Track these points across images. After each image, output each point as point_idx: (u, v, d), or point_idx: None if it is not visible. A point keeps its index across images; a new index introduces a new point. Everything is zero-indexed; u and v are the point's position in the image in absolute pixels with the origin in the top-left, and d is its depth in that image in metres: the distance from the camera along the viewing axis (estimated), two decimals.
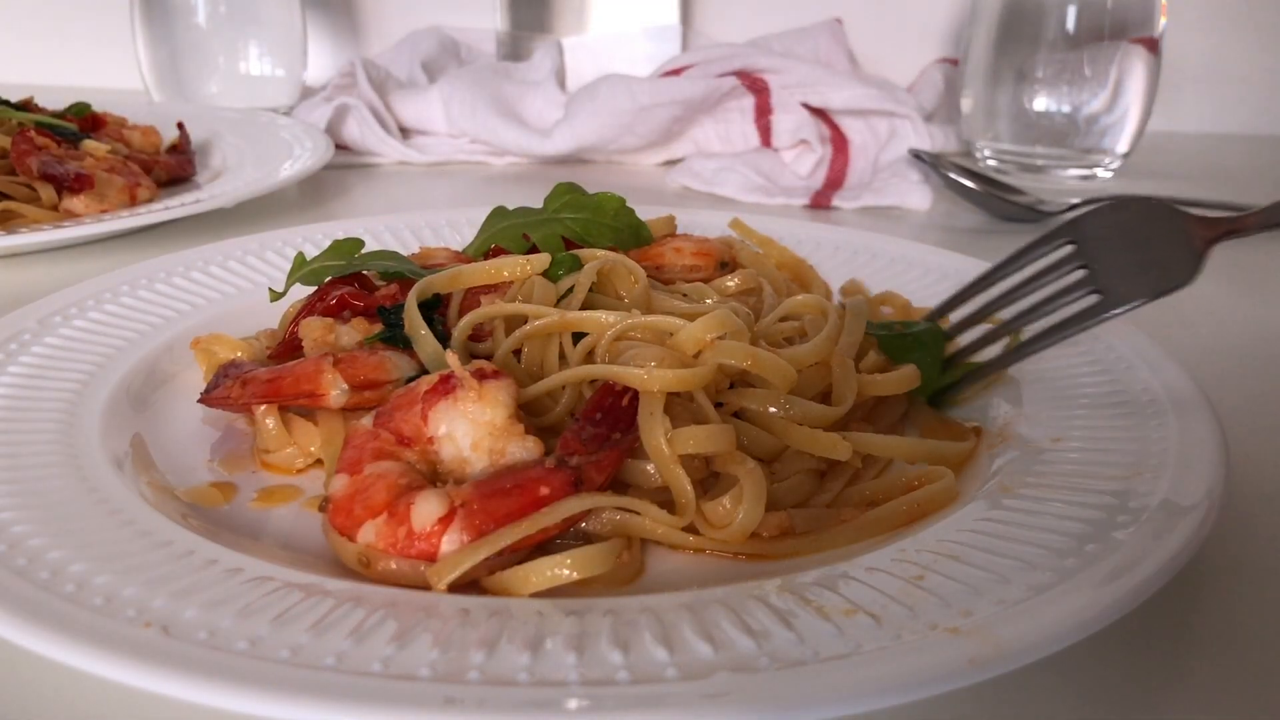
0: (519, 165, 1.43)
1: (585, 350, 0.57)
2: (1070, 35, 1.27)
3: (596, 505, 0.49)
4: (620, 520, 0.50)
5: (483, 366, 0.53)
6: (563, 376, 0.56)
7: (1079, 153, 1.33)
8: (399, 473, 0.50)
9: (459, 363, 0.52)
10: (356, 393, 0.58)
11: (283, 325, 0.69)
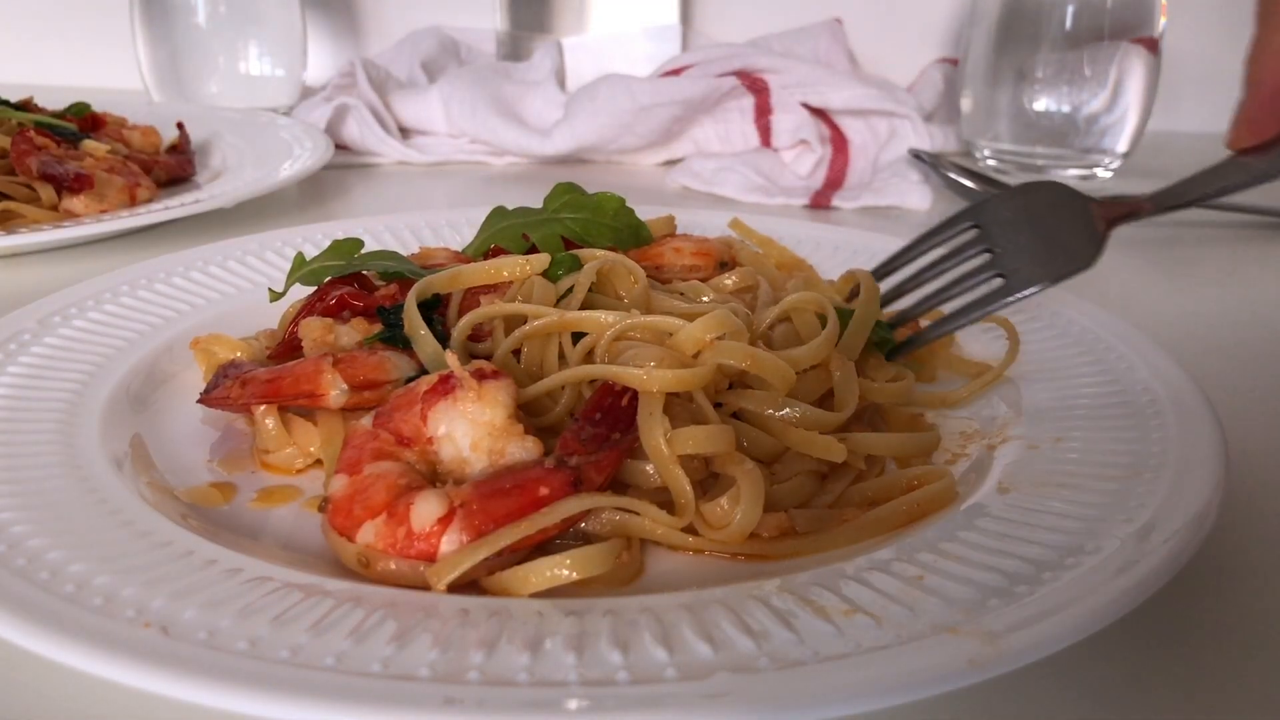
0: (519, 165, 1.43)
1: (585, 350, 0.57)
2: (1070, 35, 1.27)
3: (596, 505, 0.49)
4: (620, 520, 0.50)
5: (482, 366, 0.53)
6: (562, 376, 0.56)
7: (1079, 153, 1.33)
8: (398, 473, 0.50)
9: (458, 363, 0.52)
10: (356, 393, 0.58)
11: (282, 325, 0.69)
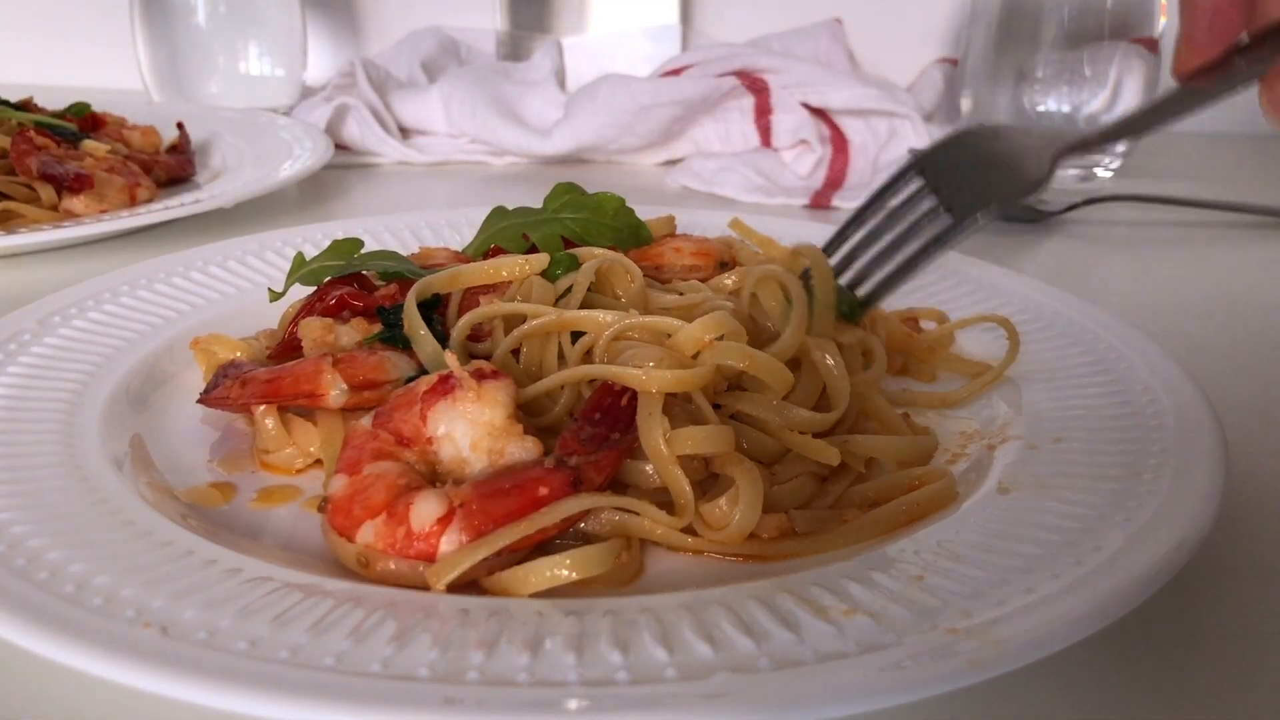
0: (519, 165, 1.43)
1: (584, 350, 0.57)
2: (1070, 35, 1.27)
3: (595, 505, 0.49)
4: (619, 520, 0.50)
5: (482, 366, 0.53)
6: (561, 376, 0.56)
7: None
8: (398, 473, 0.50)
9: (458, 363, 0.52)
10: (356, 393, 0.58)
11: (282, 325, 0.69)
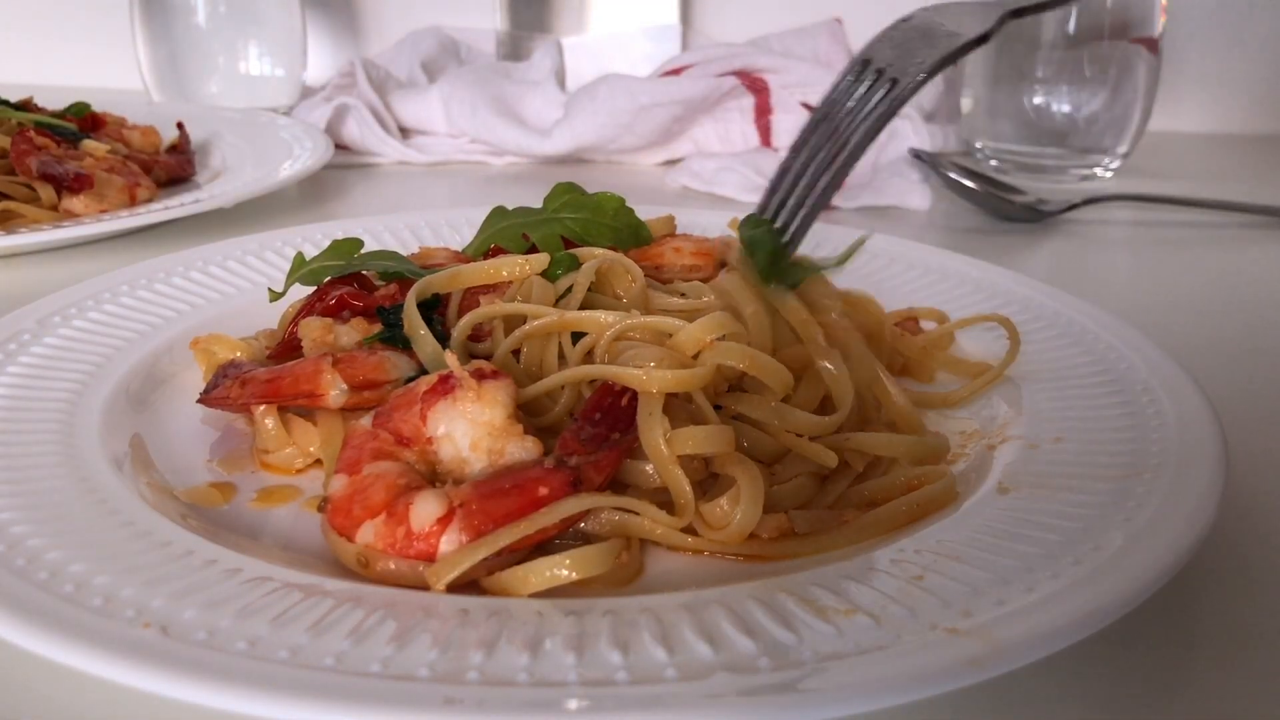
0: (519, 165, 1.43)
1: (584, 350, 0.57)
2: (1070, 35, 1.27)
3: (595, 505, 0.49)
4: (619, 520, 0.50)
5: (482, 366, 0.53)
6: (562, 376, 0.56)
7: (1079, 153, 1.33)
8: (398, 473, 0.50)
9: (458, 363, 0.52)
10: (355, 393, 0.58)
11: (282, 325, 0.69)
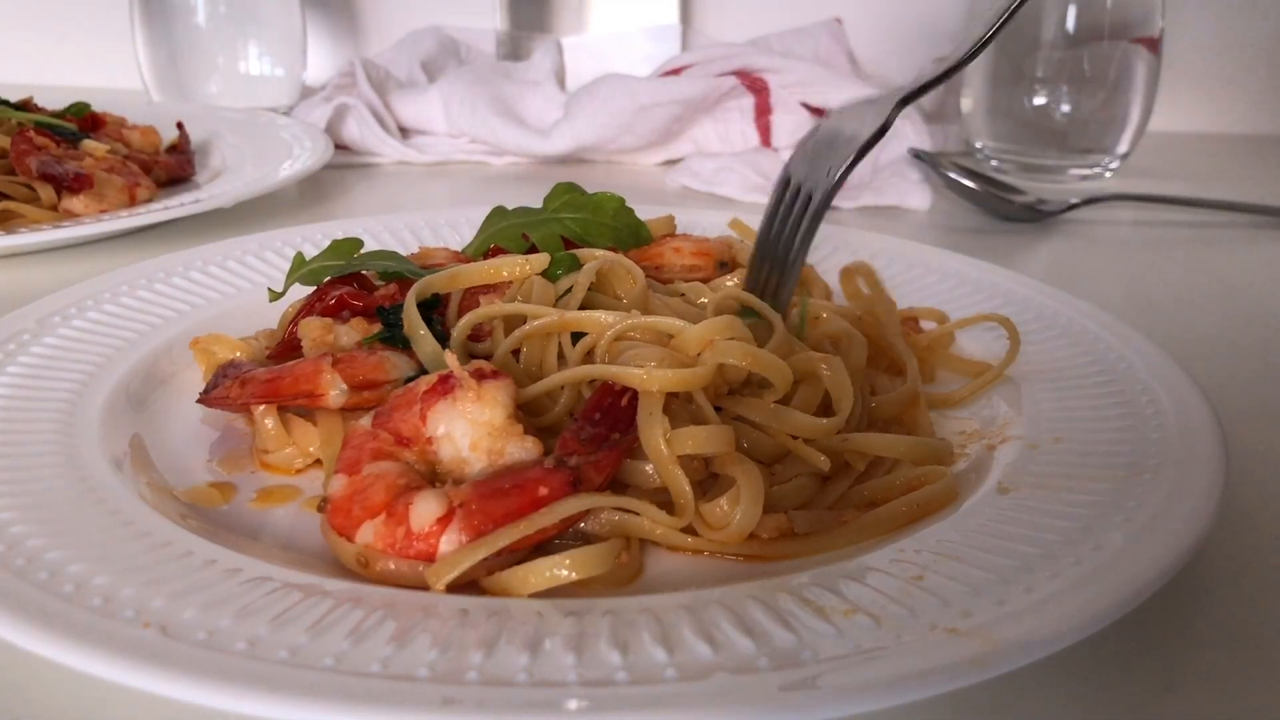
0: (519, 165, 1.43)
1: (584, 350, 0.57)
2: (1070, 35, 1.27)
3: (595, 505, 0.49)
4: (619, 521, 0.50)
5: (481, 366, 0.53)
6: (562, 377, 0.55)
7: (1079, 153, 1.33)
8: (397, 473, 0.50)
9: (458, 363, 0.52)
10: (355, 393, 0.58)
11: (282, 325, 0.69)
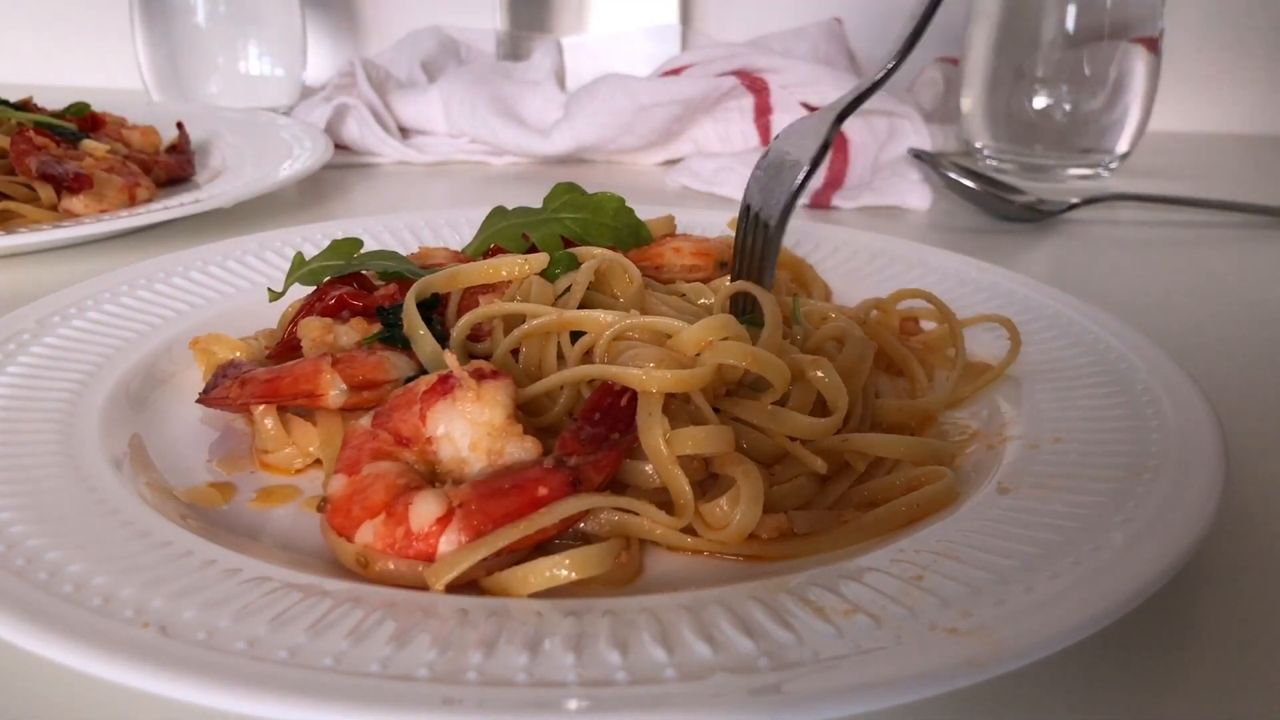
0: (518, 165, 1.43)
1: (584, 350, 0.57)
2: (1070, 35, 1.27)
3: (595, 505, 0.49)
4: (619, 521, 0.50)
5: (481, 366, 0.53)
6: (561, 376, 0.55)
7: (1079, 153, 1.33)
8: (397, 473, 0.50)
9: (457, 363, 0.52)
10: (355, 393, 0.58)
11: (281, 325, 0.69)
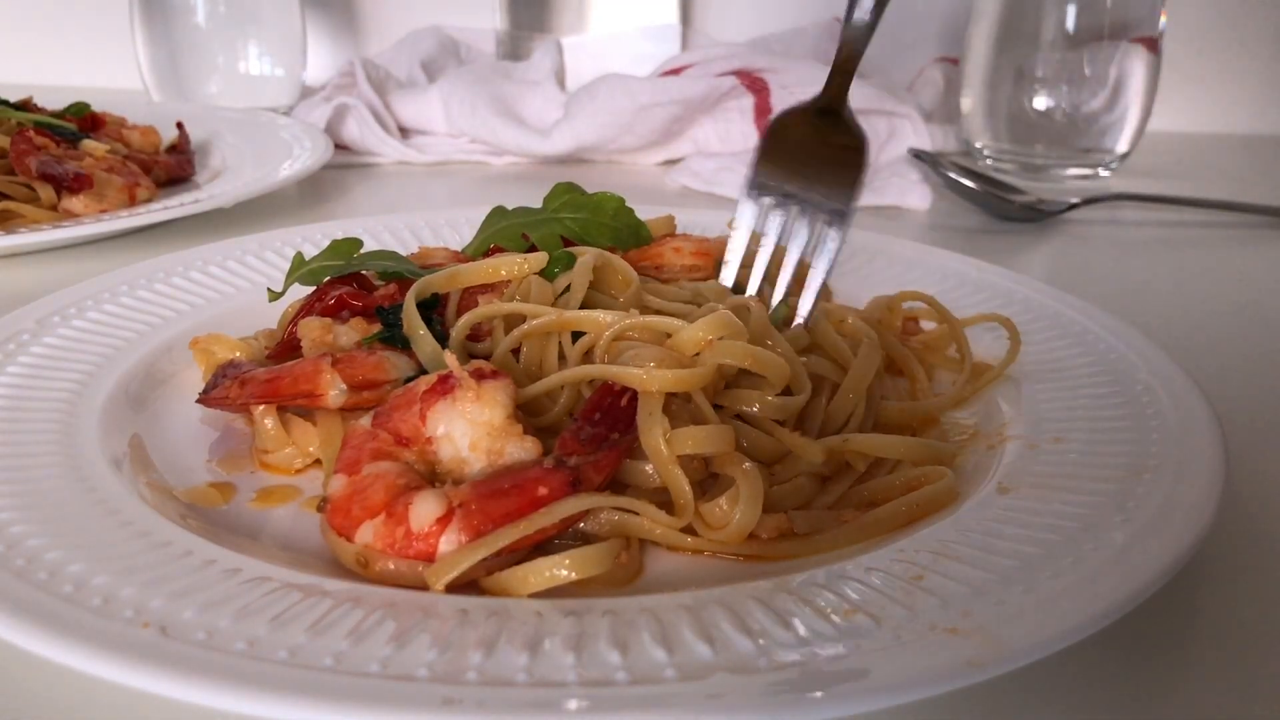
0: (518, 165, 1.43)
1: (584, 350, 0.57)
2: (1070, 35, 1.27)
3: (595, 505, 0.49)
4: (619, 520, 0.50)
5: (481, 366, 0.53)
6: (561, 376, 0.55)
7: (1079, 153, 1.33)
8: (397, 473, 0.50)
9: (457, 363, 0.52)
10: (355, 393, 0.58)
11: (281, 325, 0.69)
